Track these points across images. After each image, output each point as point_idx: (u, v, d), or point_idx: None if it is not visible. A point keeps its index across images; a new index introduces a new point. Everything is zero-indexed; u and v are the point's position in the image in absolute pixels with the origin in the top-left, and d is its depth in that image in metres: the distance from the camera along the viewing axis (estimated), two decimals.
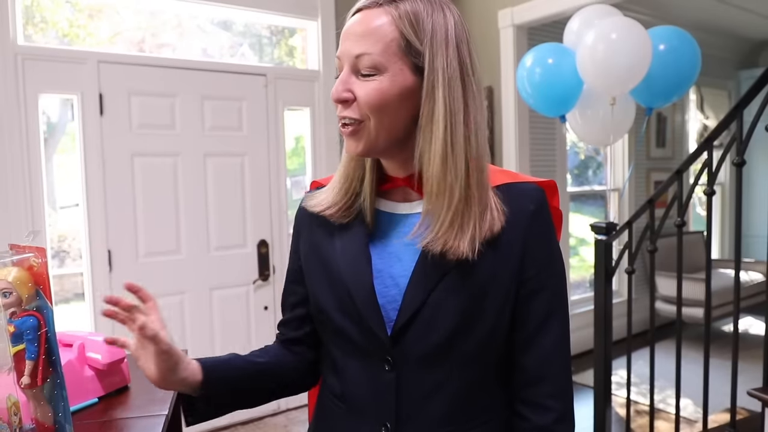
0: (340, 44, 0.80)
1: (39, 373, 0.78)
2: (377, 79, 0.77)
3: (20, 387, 0.77)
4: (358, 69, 0.77)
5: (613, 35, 2.36)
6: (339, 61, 0.80)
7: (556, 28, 3.48)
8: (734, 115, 1.97)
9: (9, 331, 0.75)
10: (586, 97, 2.65)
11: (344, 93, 0.78)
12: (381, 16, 0.77)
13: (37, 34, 2.84)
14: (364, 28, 0.77)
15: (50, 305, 0.80)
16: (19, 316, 0.76)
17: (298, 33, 3.42)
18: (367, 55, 0.76)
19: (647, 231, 2.28)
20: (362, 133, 0.79)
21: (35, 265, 0.79)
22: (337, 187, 0.88)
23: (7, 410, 0.77)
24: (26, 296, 0.78)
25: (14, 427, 0.78)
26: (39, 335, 0.78)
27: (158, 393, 1.09)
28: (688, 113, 5.22)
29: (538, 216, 0.83)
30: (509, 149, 3.48)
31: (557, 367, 0.84)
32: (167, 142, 2.87)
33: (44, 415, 0.81)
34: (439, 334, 0.79)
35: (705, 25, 4.91)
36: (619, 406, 3.19)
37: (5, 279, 0.76)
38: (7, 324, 0.75)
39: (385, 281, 0.83)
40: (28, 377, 0.77)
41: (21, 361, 0.77)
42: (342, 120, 0.80)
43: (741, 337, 4.23)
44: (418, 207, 0.85)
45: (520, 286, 0.82)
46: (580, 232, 4.73)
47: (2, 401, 0.77)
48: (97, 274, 2.70)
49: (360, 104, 0.78)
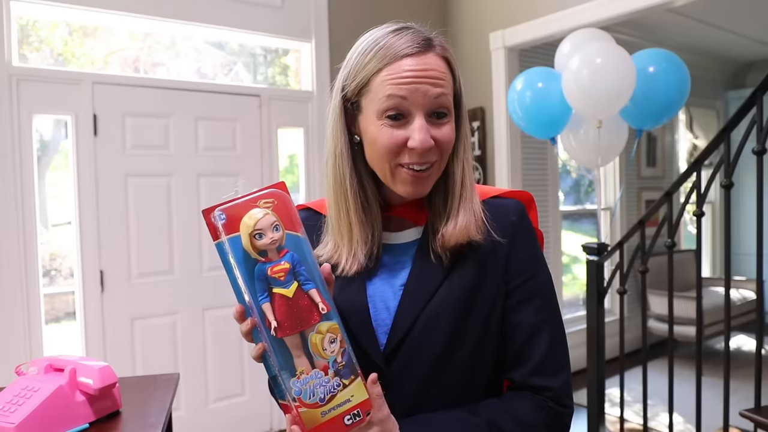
0: (404, 86, 0.77)
1: (322, 299, 0.72)
2: (449, 121, 0.81)
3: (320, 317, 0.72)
4: (434, 111, 0.79)
5: (597, 60, 2.40)
6: (403, 101, 0.77)
7: (547, 50, 3.53)
8: (722, 137, 2.00)
9: (285, 270, 0.70)
10: (576, 120, 2.69)
11: (430, 141, 0.78)
12: (439, 59, 0.80)
13: (32, 54, 2.86)
14: (436, 71, 0.78)
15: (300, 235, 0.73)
16: (282, 254, 0.71)
17: (292, 52, 3.45)
18: (444, 96, 0.79)
19: (638, 252, 2.29)
20: (433, 174, 0.82)
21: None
22: (361, 246, 0.85)
23: (316, 345, 0.71)
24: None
25: (334, 357, 0.72)
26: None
27: (150, 418, 1.09)
28: (677, 133, 5.29)
29: (520, 226, 0.87)
30: (501, 169, 3.51)
31: (550, 372, 0.84)
32: (161, 163, 2.88)
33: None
34: (430, 352, 0.81)
35: (693, 47, 5.00)
36: (612, 425, 3.18)
37: (270, 214, 0.70)
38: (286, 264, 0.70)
39: (376, 305, 0.85)
40: (323, 304, 0.72)
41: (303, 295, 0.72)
42: (422, 166, 0.79)
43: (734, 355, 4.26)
44: (412, 235, 0.88)
45: (506, 296, 0.84)
46: (572, 251, 4.75)
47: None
48: (88, 294, 2.69)
49: (441, 146, 0.80)
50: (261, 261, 0.70)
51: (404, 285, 0.84)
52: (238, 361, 3.07)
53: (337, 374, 0.72)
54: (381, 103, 0.78)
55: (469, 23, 3.62)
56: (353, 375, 0.73)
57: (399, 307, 0.83)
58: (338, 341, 0.73)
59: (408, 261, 0.86)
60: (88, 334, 2.69)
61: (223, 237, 0.69)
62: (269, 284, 0.70)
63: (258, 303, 0.70)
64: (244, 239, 0.69)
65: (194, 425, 2.94)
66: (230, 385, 3.08)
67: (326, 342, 0.72)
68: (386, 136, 0.78)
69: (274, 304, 0.70)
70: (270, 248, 0.70)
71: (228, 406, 3.07)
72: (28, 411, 0.94)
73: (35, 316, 2.54)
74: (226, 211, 0.70)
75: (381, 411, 0.74)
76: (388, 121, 0.78)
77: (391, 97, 0.77)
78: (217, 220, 0.70)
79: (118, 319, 2.76)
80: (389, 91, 0.77)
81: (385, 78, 0.77)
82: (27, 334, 2.51)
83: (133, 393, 1.19)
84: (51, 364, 1.07)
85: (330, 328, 0.72)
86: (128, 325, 2.79)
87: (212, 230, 0.70)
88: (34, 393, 0.98)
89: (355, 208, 0.84)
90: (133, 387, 1.23)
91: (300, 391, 0.70)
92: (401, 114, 0.78)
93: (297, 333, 0.71)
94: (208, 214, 0.70)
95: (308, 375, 0.71)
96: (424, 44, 0.78)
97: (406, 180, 0.80)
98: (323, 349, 0.72)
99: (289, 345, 0.71)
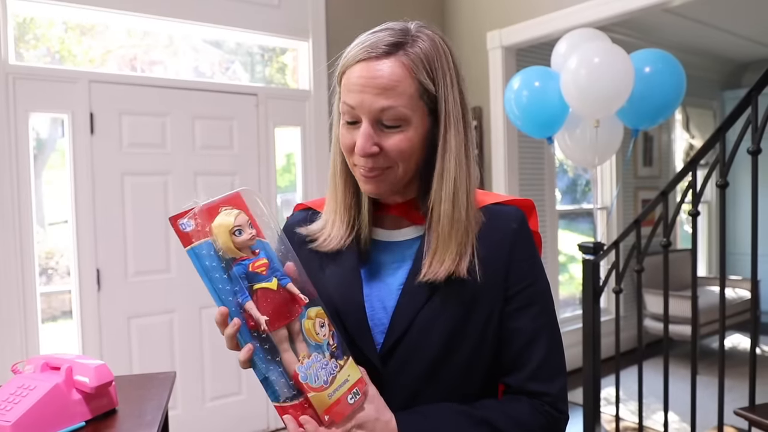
0: (352, 94, 0.78)
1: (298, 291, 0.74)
2: (404, 131, 0.78)
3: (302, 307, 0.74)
4: (381, 121, 0.78)
5: (595, 60, 2.40)
6: (351, 109, 0.78)
7: (544, 50, 3.54)
8: (717, 137, 2.01)
9: (265, 264, 0.72)
10: (573, 120, 2.69)
11: (372, 148, 0.78)
12: (395, 66, 0.76)
13: (29, 52, 2.85)
14: (384, 81, 0.76)
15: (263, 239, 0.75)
16: (255, 253, 0.73)
17: (289, 51, 3.45)
18: (392, 109, 0.76)
19: (634, 251, 2.30)
20: (386, 177, 0.81)
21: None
22: (338, 222, 0.88)
23: (309, 330, 0.74)
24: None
25: (326, 340, 0.75)
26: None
27: (146, 416, 1.09)
28: (674, 132, 5.30)
29: (520, 234, 0.86)
30: (498, 168, 3.52)
31: (547, 378, 0.85)
32: (158, 161, 2.87)
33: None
34: (426, 354, 0.81)
35: (690, 47, 5.01)
36: (608, 423, 3.19)
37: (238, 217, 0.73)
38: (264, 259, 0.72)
39: (373, 304, 0.85)
40: (302, 294, 0.74)
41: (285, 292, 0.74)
42: (366, 168, 0.80)
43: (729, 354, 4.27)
44: (409, 234, 0.88)
45: (505, 302, 0.85)
46: (569, 250, 4.76)
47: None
48: (85, 293, 2.68)
49: (389, 155, 0.79)
50: (238, 259, 0.71)
51: (402, 285, 0.84)
52: (234, 359, 3.06)
53: (333, 356, 0.75)
54: (340, 106, 0.82)
55: (466, 22, 3.62)
56: (345, 355, 0.77)
57: (397, 308, 0.83)
58: (327, 325, 0.76)
59: (405, 260, 0.86)
60: (84, 333, 2.69)
61: (195, 242, 0.71)
62: (249, 282, 0.71)
63: (242, 302, 0.71)
64: (223, 238, 0.71)
65: (191, 424, 2.94)
66: (227, 383, 3.08)
67: (317, 326, 0.75)
68: (342, 137, 0.82)
69: (257, 301, 0.71)
70: (248, 244, 0.72)
71: (225, 405, 3.07)
72: (24, 409, 0.94)
73: (32, 315, 2.54)
74: (193, 218, 0.72)
75: (372, 387, 0.79)
76: (345, 124, 0.81)
77: (343, 103, 0.80)
78: (186, 226, 0.71)
79: (114, 318, 2.76)
80: (343, 97, 0.80)
81: (344, 82, 0.80)
82: (23, 333, 2.51)
83: (130, 391, 1.19)
84: (47, 362, 1.07)
85: (318, 313, 0.75)
86: (125, 323, 2.79)
87: (183, 237, 0.71)
88: (30, 391, 0.98)
89: (344, 189, 0.87)
90: (130, 385, 1.23)
91: (306, 376, 0.72)
92: (354, 120, 0.80)
93: (284, 325, 0.73)
94: (176, 221, 0.71)
95: (309, 359, 0.73)
96: (384, 49, 0.76)
97: (360, 178, 0.83)
98: (316, 334, 0.74)
99: (276, 340, 0.72)
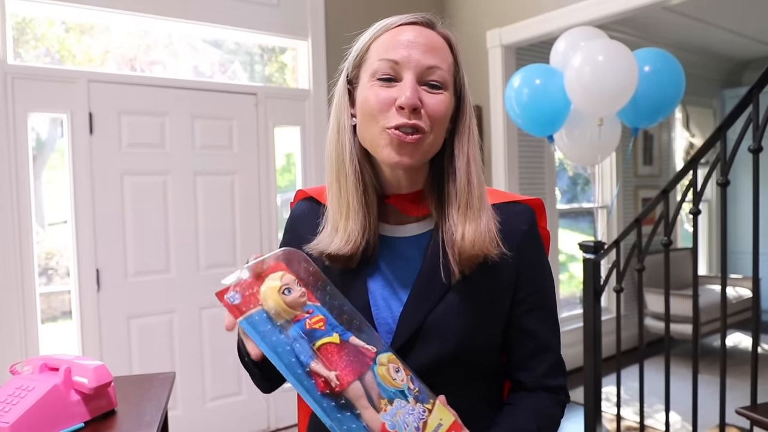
0: (398, 49, 0.77)
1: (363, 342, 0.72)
2: (444, 94, 0.79)
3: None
4: (426, 80, 0.77)
5: (600, 57, 2.39)
6: (394, 64, 0.77)
7: (543, 48, 3.53)
8: (718, 136, 2.01)
9: (322, 320, 0.70)
10: (573, 118, 2.68)
11: (418, 100, 0.76)
12: (439, 38, 0.80)
13: (28, 52, 2.84)
14: (432, 43, 0.78)
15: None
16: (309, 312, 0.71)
17: (288, 50, 3.45)
18: (439, 69, 0.78)
19: (635, 250, 2.30)
20: (422, 144, 0.78)
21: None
22: (352, 224, 0.82)
23: (385, 377, 0.69)
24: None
25: (406, 384, 0.71)
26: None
27: (145, 417, 1.08)
28: (674, 131, 5.30)
29: (530, 235, 0.85)
30: (498, 167, 3.51)
31: (560, 372, 0.88)
32: (157, 161, 2.87)
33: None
34: (435, 355, 0.80)
35: (689, 45, 5.00)
36: (609, 422, 3.19)
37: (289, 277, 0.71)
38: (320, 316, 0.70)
39: (377, 303, 0.83)
40: (368, 345, 0.72)
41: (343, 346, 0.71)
42: (407, 127, 0.76)
43: (731, 352, 4.27)
44: (414, 230, 0.86)
45: (514, 304, 0.84)
46: (569, 249, 4.76)
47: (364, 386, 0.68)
48: (84, 293, 2.68)
49: (429, 113, 0.77)
50: (294, 320, 0.69)
51: (412, 286, 0.82)
52: (234, 359, 3.05)
53: (417, 401, 0.70)
54: (374, 66, 0.79)
55: (466, 21, 3.62)
56: (431, 398, 0.72)
57: (404, 309, 0.81)
58: (402, 369, 0.72)
59: (410, 258, 0.85)
60: (84, 333, 2.68)
61: (246, 312, 0.68)
62: (310, 340, 0.68)
63: (305, 362, 0.67)
64: (273, 300, 0.69)
65: (191, 424, 2.94)
66: (227, 384, 3.07)
67: (392, 372, 0.71)
68: (374, 95, 0.78)
69: (322, 358, 0.68)
70: (300, 302, 0.70)
71: (225, 405, 3.06)
72: (23, 410, 0.94)
73: (31, 315, 2.53)
74: (239, 290, 0.69)
75: (466, 430, 0.74)
76: (378, 83, 0.78)
77: (383, 60, 0.78)
78: (234, 299, 0.69)
79: (114, 318, 2.75)
80: (382, 54, 0.78)
81: (380, 44, 0.79)
82: (23, 334, 2.51)
83: (129, 392, 1.19)
84: (46, 363, 1.07)
85: (389, 358, 0.72)
86: (124, 323, 2.78)
87: (232, 310, 0.68)
88: (28, 392, 0.98)
89: (354, 184, 0.82)
90: (129, 386, 1.22)
91: (393, 424, 0.67)
92: (392, 78, 0.77)
93: (356, 378, 0.68)
94: (222, 297, 0.69)
95: (392, 406, 0.68)
96: (425, 21, 0.80)
97: (391, 143, 0.77)
98: (393, 379, 0.70)
99: (352, 396, 0.67)
